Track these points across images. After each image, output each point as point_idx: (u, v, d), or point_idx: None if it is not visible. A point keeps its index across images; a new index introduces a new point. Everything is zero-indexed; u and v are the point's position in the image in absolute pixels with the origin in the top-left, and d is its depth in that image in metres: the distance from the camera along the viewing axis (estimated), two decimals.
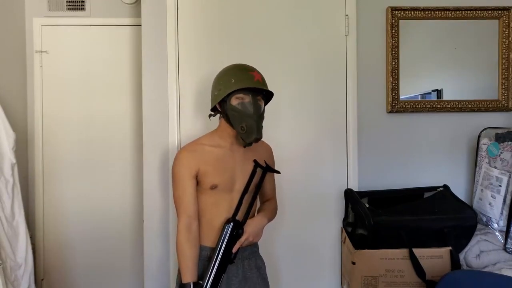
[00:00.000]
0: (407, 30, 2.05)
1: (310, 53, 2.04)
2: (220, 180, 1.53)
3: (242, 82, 1.48)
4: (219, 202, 1.54)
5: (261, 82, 1.51)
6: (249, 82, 1.49)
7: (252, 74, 1.50)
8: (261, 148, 1.67)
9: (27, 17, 2.55)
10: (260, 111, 1.51)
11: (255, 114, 1.48)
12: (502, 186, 1.76)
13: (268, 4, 2.04)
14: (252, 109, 1.48)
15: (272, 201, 1.73)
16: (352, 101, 2.04)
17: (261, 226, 1.59)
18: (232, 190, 1.55)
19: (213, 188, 1.52)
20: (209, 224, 1.56)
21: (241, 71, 1.53)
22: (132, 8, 2.56)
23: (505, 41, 2.06)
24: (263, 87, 1.51)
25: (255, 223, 1.57)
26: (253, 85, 1.48)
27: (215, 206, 1.54)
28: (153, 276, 2.02)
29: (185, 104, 2.01)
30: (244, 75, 1.50)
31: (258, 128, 1.48)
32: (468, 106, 2.06)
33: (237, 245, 1.52)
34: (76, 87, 2.56)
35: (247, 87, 1.48)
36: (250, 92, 1.49)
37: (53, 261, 2.57)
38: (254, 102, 1.48)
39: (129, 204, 2.58)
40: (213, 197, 1.54)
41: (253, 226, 1.56)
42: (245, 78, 1.50)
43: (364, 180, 2.05)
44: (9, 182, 1.97)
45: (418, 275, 1.66)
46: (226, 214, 1.54)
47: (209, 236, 1.55)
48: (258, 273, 1.61)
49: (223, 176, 1.53)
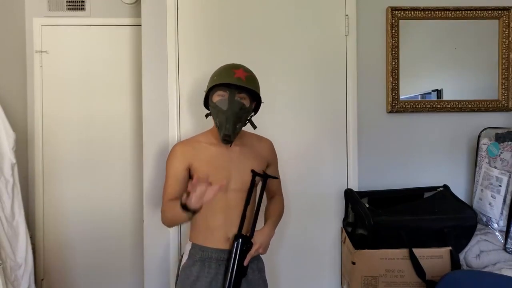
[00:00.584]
0: (407, 30, 2.05)
1: (310, 53, 2.04)
2: (214, 179, 1.49)
3: (221, 79, 1.50)
4: (214, 202, 1.50)
5: (243, 79, 1.48)
6: (228, 78, 1.48)
7: (234, 71, 1.50)
8: (260, 144, 1.65)
9: (27, 17, 2.55)
10: (236, 109, 1.47)
11: (228, 110, 1.47)
12: (502, 186, 1.76)
13: (268, 4, 2.04)
14: (226, 105, 1.48)
15: (278, 200, 1.72)
16: (352, 101, 2.04)
17: (270, 237, 1.58)
18: (226, 189, 1.53)
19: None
20: (204, 224, 1.55)
21: (226, 69, 1.53)
22: (132, 8, 2.56)
23: (505, 41, 2.06)
24: (241, 84, 1.48)
25: (265, 235, 1.56)
26: (230, 81, 1.47)
27: (210, 206, 1.51)
28: (153, 276, 2.02)
29: (185, 104, 2.01)
30: (226, 72, 1.51)
31: (229, 125, 1.46)
32: (468, 106, 2.06)
33: (248, 258, 1.51)
34: (76, 87, 2.56)
35: (226, 84, 1.48)
36: (228, 89, 1.48)
37: (53, 261, 2.57)
38: (231, 98, 1.47)
39: (129, 204, 2.58)
40: None
41: (263, 238, 1.55)
42: (226, 75, 1.50)
43: (364, 180, 2.05)
44: (9, 182, 1.98)
45: (418, 275, 1.66)
46: (221, 214, 1.53)
47: (204, 236, 1.55)
48: (259, 275, 1.61)
49: (218, 174, 1.51)
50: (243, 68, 1.53)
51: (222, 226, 1.54)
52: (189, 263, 1.56)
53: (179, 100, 2.01)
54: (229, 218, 1.54)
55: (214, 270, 1.52)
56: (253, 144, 1.62)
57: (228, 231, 1.53)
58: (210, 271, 1.52)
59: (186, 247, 1.62)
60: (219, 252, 1.53)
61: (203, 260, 1.54)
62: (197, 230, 1.59)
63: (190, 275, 1.53)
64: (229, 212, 1.54)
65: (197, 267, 1.53)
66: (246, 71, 1.53)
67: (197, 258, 1.54)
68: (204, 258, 1.54)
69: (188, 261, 1.56)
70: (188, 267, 1.55)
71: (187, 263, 1.56)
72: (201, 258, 1.54)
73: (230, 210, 1.54)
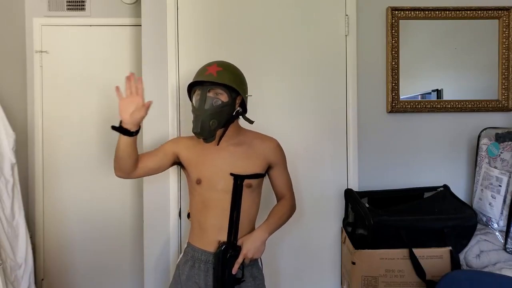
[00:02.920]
0: (407, 30, 2.05)
1: (310, 53, 2.04)
2: (204, 175, 1.51)
3: (195, 78, 1.51)
4: (207, 202, 1.51)
5: (214, 75, 1.46)
6: (199, 76, 1.49)
7: (206, 68, 1.50)
8: (262, 144, 1.59)
9: (27, 17, 2.55)
10: (205, 106, 1.45)
11: (198, 108, 1.46)
12: (502, 186, 1.76)
13: (268, 4, 2.04)
14: (197, 103, 1.48)
15: (283, 203, 1.64)
16: (352, 101, 2.04)
17: (260, 241, 1.49)
18: (218, 189, 1.50)
19: (198, 183, 1.51)
20: (198, 225, 1.55)
21: (201, 68, 1.53)
22: (132, 8, 2.56)
23: (505, 41, 2.06)
24: (211, 80, 1.46)
25: (252, 239, 1.49)
26: (201, 79, 1.48)
27: (204, 207, 1.52)
28: (153, 276, 2.02)
29: (185, 103, 2.01)
30: (200, 71, 1.52)
31: (196, 122, 1.45)
32: (468, 106, 2.06)
33: (236, 266, 1.45)
34: (76, 87, 2.56)
35: (199, 82, 1.49)
36: (201, 87, 1.48)
37: (53, 261, 2.57)
38: (201, 96, 1.47)
39: (129, 204, 2.58)
40: (201, 195, 1.53)
41: (250, 243, 1.48)
42: (199, 73, 1.51)
43: (364, 180, 2.05)
44: (9, 182, 1.97)
45: (418, 275, 1.66)
46: (215, 216, 1.50)
47: (199, 238, 1.54)
48: (253, 282, 1.53)
49: (207, 171, 1.51)
50: (216, 63, 1.51)
51: (213, 228, 1.51)
52: (182, 261, 1.58)
53: (179, 100, 2.01)
54: (221, 220, 1.50)
55: (203, 272, 1.51)
56: (252, 144, 1.57)
57: (219, 234, 1.49)
58: (200, 272, 1.51)
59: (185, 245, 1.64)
60: (208, 255, 1.51)
61: (194, 260, 1.53)
62: (192, 230, 1.60)
63: (182, 274, 1.54)
64: (220, 213, 1.50)
65: (188, 266, 1.54)
66: (220, 65, 1.50)
67: (189, 257, 1.55)
68: (195, 258, 1.53)
69: (182, 259, 1.59)
70: (182, 264, 1.57)
71: (181, 261, 1.59)
72: (192, 258, 1.54)
73: (222, 211, 1.50)
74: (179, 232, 2.02)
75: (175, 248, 2.01)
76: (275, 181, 1.65)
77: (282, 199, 1.67)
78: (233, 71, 1.53)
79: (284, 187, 1.67)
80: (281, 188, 1.66)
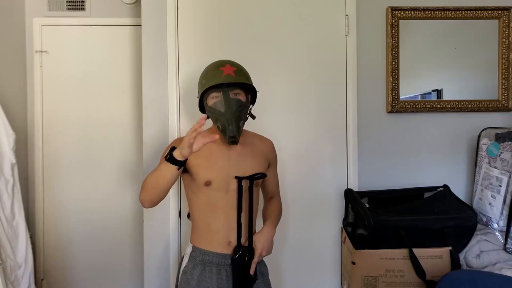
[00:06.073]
0: (407, 30, 2.05)
1: (310, 53, 2.04)
2: (214, 177, 1.48)
3: (211, 80, 1.46)
4: (216, 203, 1.49)
5: (232, 75, 1.44)
6: (217, 79, 1.44)
7: (221, 70, 1.46)
8: (262, 143, 1.62)
9: (27, 17, 2.55)
10: (234, 107, 1.43)
11: (227, 111, 1.42)
12: (502, 186, 1.76)
13: (268, 4, 2.04)
14: (223, 107, 1.44)
15: (276, 201, 1.69)
16: (352, 101, 2.04)
17: (271, 238, 1.53)
18: (228, 190, 1.49)
19: (208, 184, 1.48)
20: (206, 227, 1.52)
21: (212, 69, 1.50)
22: (132, 8, 2.56)
23: (505, 41, 2.06)
24: (233, 81, 1.43)
25: (264, 237, 1.51)
26: (221, 81, 1.43)
27: (212, 208, 1.50)
28: (153, 276, 2.02)
29: (185, 104, 2.01)
30: (214, 73, 1.47)
31: (232, 126, 1.42)
32: (468, 106, 2.06)
33: (253, 267, 1.48)
34: (76, 87, 2.56)
35: (217, 85, 1.44)
36: (221, 89, 1.45)
37: (53, 261, 2.57)
38: (226, 99, 1.43)
39: (129, 204, 2.58)
40: (209, 197, 1.49)
41: (263, 241, 1.50)
42: (213, 76, 1.46)
43: (364, 180, 2.05)
44: (9, 182, 1.98)
45: (418, 275, 1.66)
46: (222, 216, 1.49)
47: (206, 240, 1.51)
48: (262, 279, 1.55)
49: (217, 172, 1.48)
50: (229, 64, 1.49)
51: (222, 229, 1.50)
52: (189, 266, 1.52)
53: (179, 100, 2.01)
54: (230, 221, 1.49)
55: (215, 275, 1.49)
56: (254, 143, 1.59)
57: (229, 234, 1.49)
58: (212, 276, 1.48)
59: (187, 249, 1.57)
60: (220, 257, 1.49)
61: (204, 264, 1.50)
62: (198, 233, 1.55)
63: (191, 279, 1.49)
64: (230, 214, 1.50)
65: (198, 270, 1.49)
66: (233, 65, 1.49)
67: (197, 262, 1.51)
68: (205, 262, 1.50)
69: (189, 264, 1.52)
70: (188, 270, 1.51)
71: (188, 266, 1.52)
72: (202, 261, 1.50)
73: (231, 211, 1.50)
74: (179, 232, 2.02)
75: (175, 248, 2.01)
76: (269, 180, 1.66)
77: (273, 198, 1.70)
78: (244, 69, 1.53)
79: (275, 187, 1.71)
80: (272, 187, 1.69)
